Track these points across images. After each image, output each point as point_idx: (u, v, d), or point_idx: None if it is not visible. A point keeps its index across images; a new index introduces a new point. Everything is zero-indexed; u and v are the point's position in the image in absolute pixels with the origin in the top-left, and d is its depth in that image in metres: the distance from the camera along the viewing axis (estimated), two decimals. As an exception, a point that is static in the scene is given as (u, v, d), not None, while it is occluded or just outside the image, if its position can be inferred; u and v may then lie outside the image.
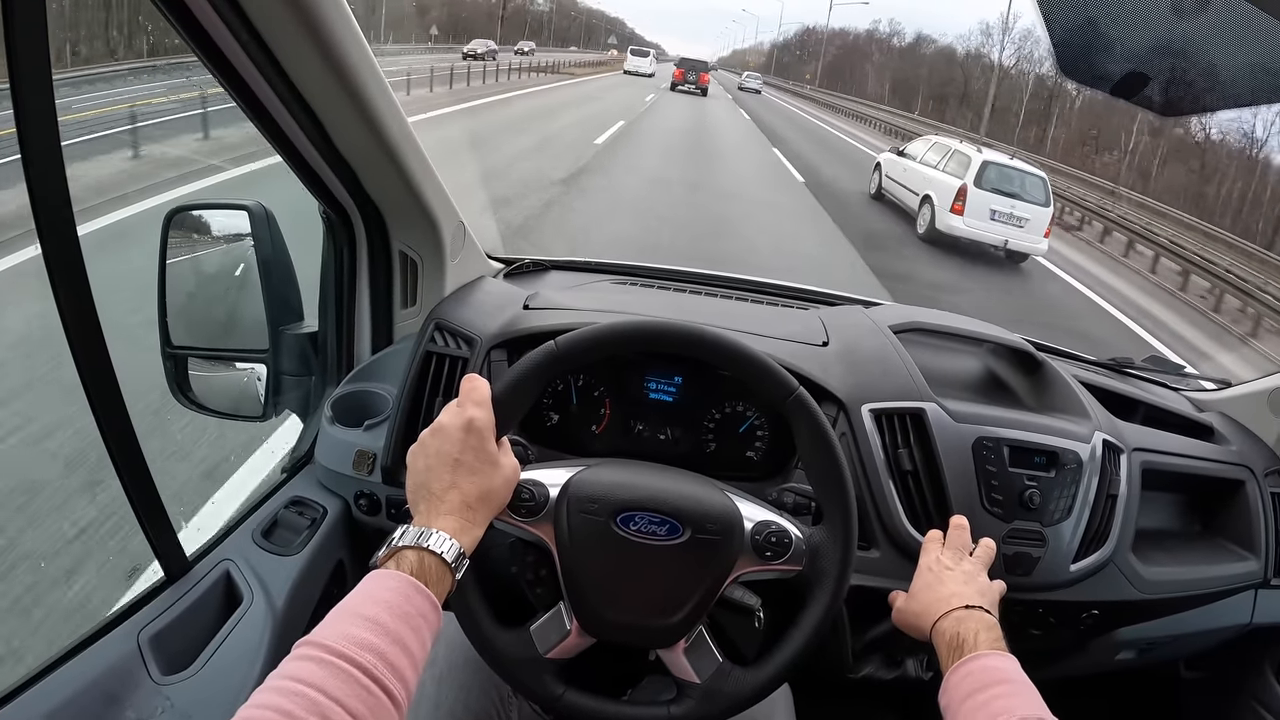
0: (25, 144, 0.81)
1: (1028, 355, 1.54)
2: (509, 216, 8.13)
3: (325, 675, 0.69)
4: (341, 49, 1.03)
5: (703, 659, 1.02)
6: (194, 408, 1.40)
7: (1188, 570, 1.44)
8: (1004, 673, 0.92)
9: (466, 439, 0.91)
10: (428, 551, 0.84)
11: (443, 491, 0.89)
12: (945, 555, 1.12)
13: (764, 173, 16.30)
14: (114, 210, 5.35)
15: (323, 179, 1.30)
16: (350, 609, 0.77)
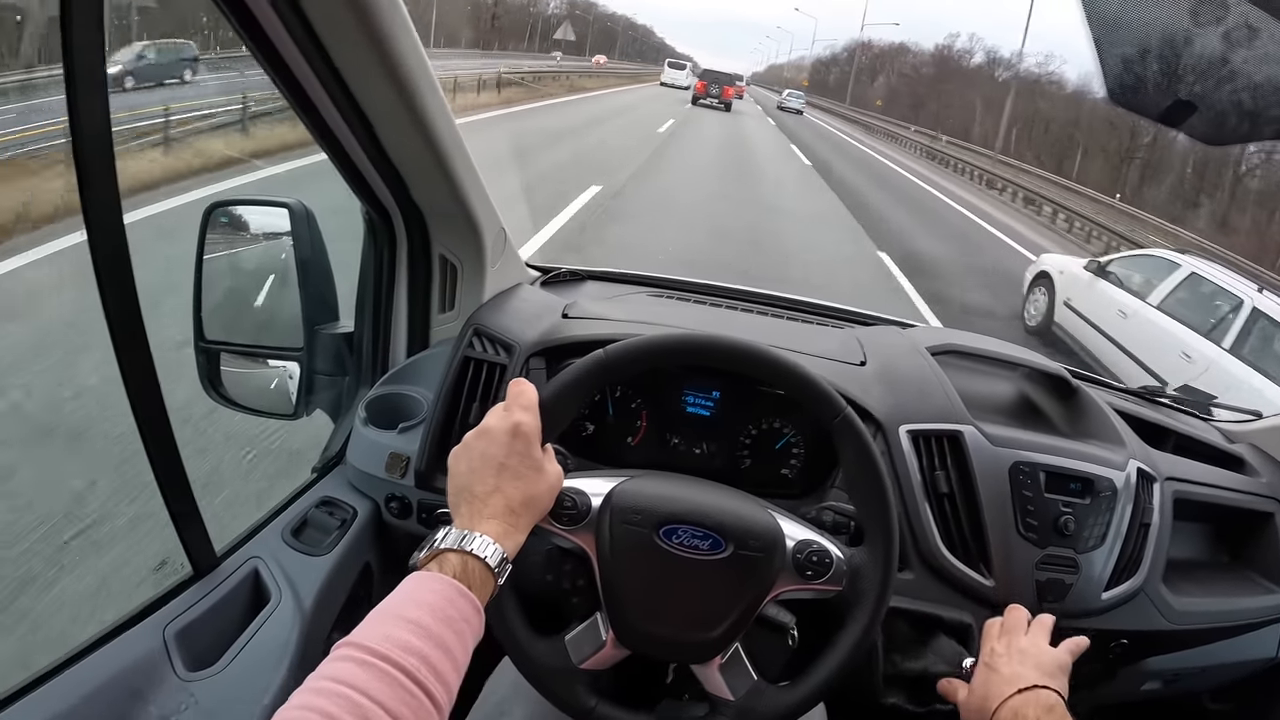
0: (76, 134, 0.81)
1: (1063, 381, 1.52)
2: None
3: (368, 677, 0.68)
4: (399, 53, 1.03)
5: (738, 676, 1.01)
6: (224, 402, 1.40)
7: (1216, 602, 1.43)
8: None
9: (513, 443, 0.90)
10: (471, 555, 0.83)
11: (486, 495, 0.88)
12: (999, 642, 1.09)
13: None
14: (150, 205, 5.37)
15: (368, 180, 1.30)
16: (392, 611, 0.76)
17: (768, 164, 19.94)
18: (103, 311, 0.90)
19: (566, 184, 10.59)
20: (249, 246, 1.42)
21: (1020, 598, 1.24)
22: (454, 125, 1.21)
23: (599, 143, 16.87)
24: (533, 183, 10.05)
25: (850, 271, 9.70)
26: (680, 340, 1.03)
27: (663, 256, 8.03)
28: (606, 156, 14.67)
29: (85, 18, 0.77)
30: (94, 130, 0.82)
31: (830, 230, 12.16)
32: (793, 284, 8.22)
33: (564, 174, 11.49)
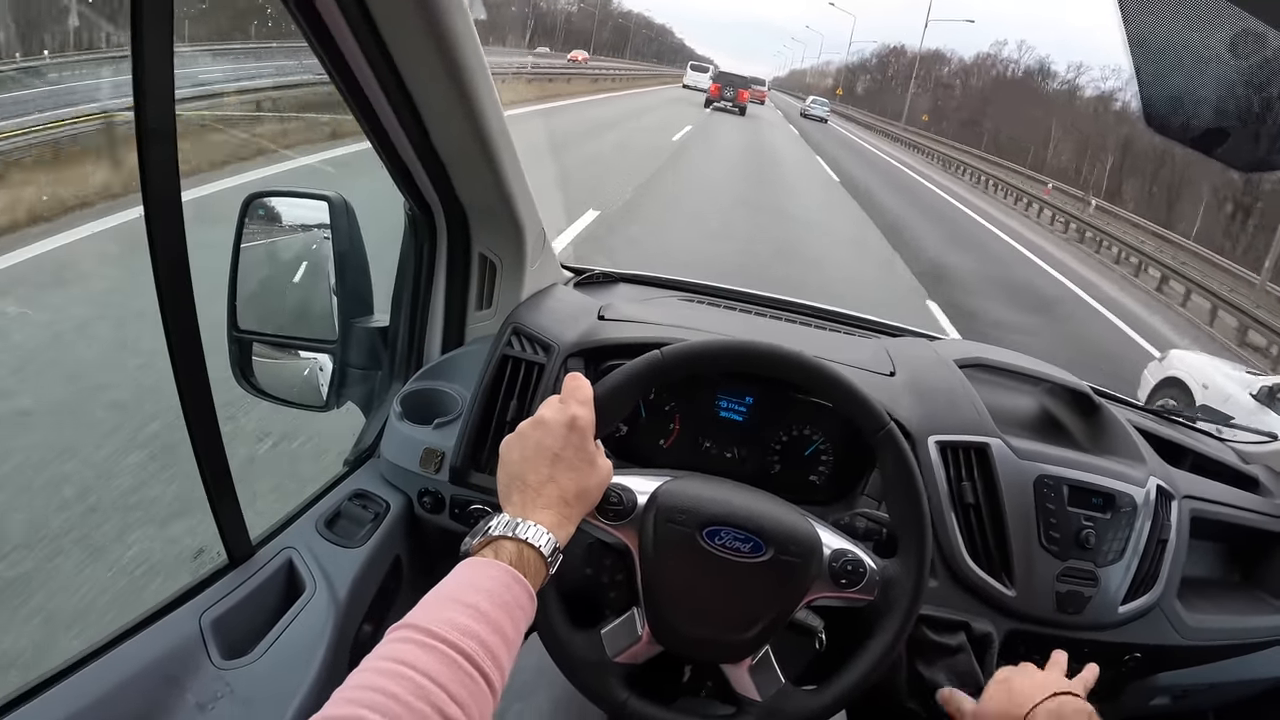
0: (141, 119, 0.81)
1: (1085, 397, 1.54)
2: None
3: (430, 659, 0.68)
4: (459, 47, 1.04)
5: (766, 678, 1.03)
6: (254, 392, 1.40)
7: (1228, 620, 1.44)
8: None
9: (569, 435, 0.91)
10: (527, 544, 0.83)
11: (540, 485, 0.89)
12: (1011, 669, 1.10)
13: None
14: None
15: (413, 175, 1.30)
16: (450, 595, 0.76)
17: (792, 180, 17.76)
18: (156, 297, 0.90)
19: (568, 201, 9.26)
20: (286, 238, 1.42)
21: (1040, 608, 1.27)
22: (505, 123, 1.22)
23: (607, 152, 15.40)
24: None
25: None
26: (735, 346, 1.05)
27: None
28: (612, 169, 13.18)
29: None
30: (159, 109, 0.83)
31: (865, 263, 10.97)
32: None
33: (564, 191, 9.80)
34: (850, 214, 14.99)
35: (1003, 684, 1.05)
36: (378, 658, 0.68)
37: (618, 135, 18.40)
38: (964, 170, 31.96)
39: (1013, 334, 8.87)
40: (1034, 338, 9.04)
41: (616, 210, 9.92)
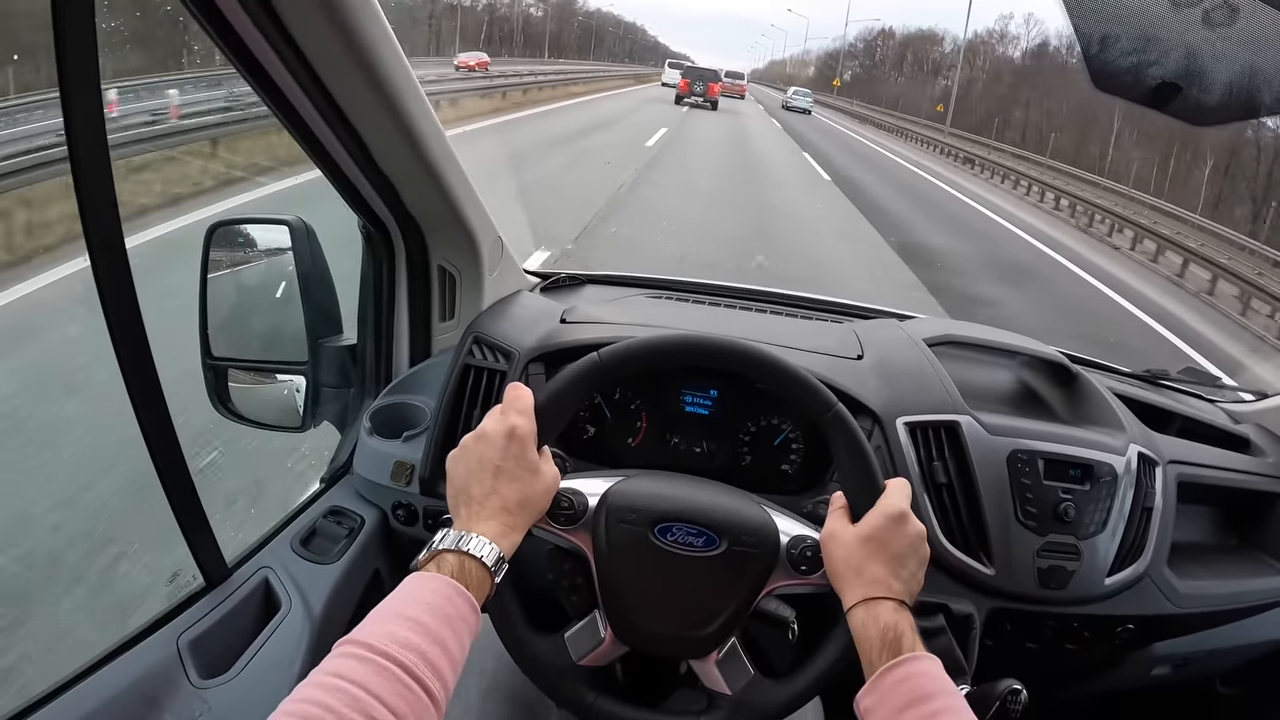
0: (75, 155, 0.84)
1: (1062, 368, 1.53)
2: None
3: (367, 672, 0.70)
4: (385, 67, 1.05)
5: (734, 671, 1.02)
6: (233, 418, 1.42)
7: (1225, 584, 1.43)
8: (940, 682, 0.85)
9: (509, 446, 0.92)
10: (468, 555, 0.85)
11: (483, 497, 0.91)
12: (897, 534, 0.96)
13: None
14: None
15: (363, 194, 1.32)
16: (392, 609, 0.79)
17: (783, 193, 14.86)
18: (107, 329, 0.92)
19: (528, 228, 7.91)
20: (251, 263, 1.44)
21: (1022, 585, 1.26)
22: (443, 136, 1.23)
23: (574, 163, 13.79)
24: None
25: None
26: (672, 341, 1.04)
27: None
28: (584, 183, 11.92)
29: (78, 35, 0.80)
30: (90, 140, 0.84)
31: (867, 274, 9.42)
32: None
33: (526, 215, 8.31)
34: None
35: (860, 553, 0.94)
36: (319, 673, 0.71)
37: (579, 150, 15.76)
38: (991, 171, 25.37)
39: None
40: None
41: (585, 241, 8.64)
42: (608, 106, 28.48)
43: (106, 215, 0.88)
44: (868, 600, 0.91)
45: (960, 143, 32.72)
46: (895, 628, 0.88)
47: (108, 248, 0.89)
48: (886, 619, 0.89)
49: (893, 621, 0.89)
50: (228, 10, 0.93)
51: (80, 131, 0.83)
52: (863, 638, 0.90)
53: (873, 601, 0.91)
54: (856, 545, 0.95)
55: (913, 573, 0.94)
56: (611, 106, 28.91)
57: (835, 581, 0.96)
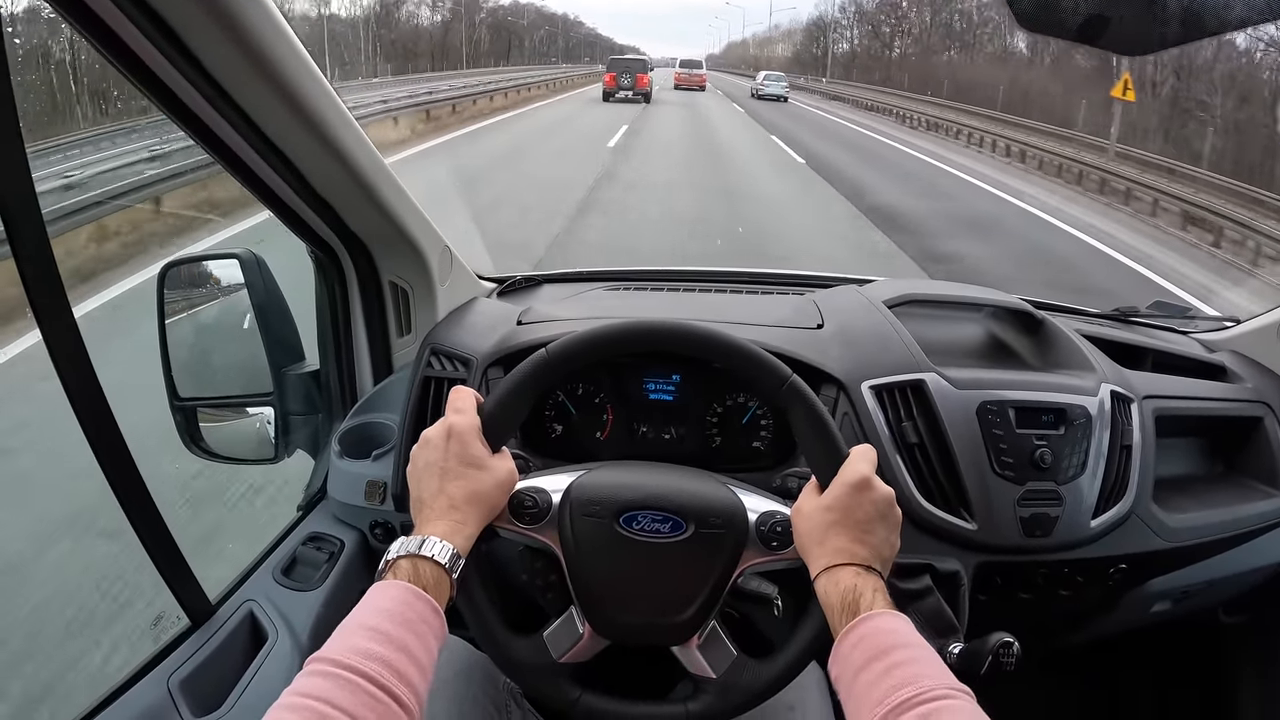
0: (7, 218, 0.84)
1: (1027, 315, 1.53)
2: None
3: (331, 687, 0.71)
4: (301, 90, 1.05)
5: (718, 654, 1.02)
6: (207, 456, 1.42)
7: (1214, 513, 1.43)
8: (900, 635, 0.84)
9: (448, 445, 0.94)
10: (421, 558, 0.86)
11: (432, 498, 0.92)
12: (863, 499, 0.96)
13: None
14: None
15: (305, 220, 1.32)
16: (354, 623, 0.80)
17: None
18: (60, 380, 0.93)
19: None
20: (207, 301, 1.44)
21: (1006, 537, 1.26)
22: (374, 153, 1.23)
23: (532, 175, 12.50)
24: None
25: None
26: (618, 330, 1.05)
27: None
28: (540, 197, 10.66)
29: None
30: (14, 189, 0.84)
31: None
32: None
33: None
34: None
35: (827, 520, 0.95)
36: (286, 694, 0.72)
37: (561, 139, 16.62)
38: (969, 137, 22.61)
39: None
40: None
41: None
42: (546, 116, 24.50)
43: (44, 265, 0.88)
44: (830, 568, 0.92)
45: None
46: (855, 589, 0.88)
47: (50, 299, 0.89)
48: (846, 583, 0.89)
49: (852, 584, 0.89)
50: (138, 49, 0.92)
51: (7, 193, 0.83)
52: (826, 605, 0.91)
53: (835, 569, 0.91)
54: (819, 516, 0.95)
55: (883, 538, 0.94)
56: (550, 116, 24.66)
57: (803, 554, 0.97)
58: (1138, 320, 1.81)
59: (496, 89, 27.82)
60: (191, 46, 0.94)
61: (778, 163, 16.69)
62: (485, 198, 10.20)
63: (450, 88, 24.90)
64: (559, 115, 24.61)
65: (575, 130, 20.79)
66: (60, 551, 2.92)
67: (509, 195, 10.82)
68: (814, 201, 12.48)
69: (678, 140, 19.67)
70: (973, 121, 24.08)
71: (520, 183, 12.04)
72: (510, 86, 30.13)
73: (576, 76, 46.98)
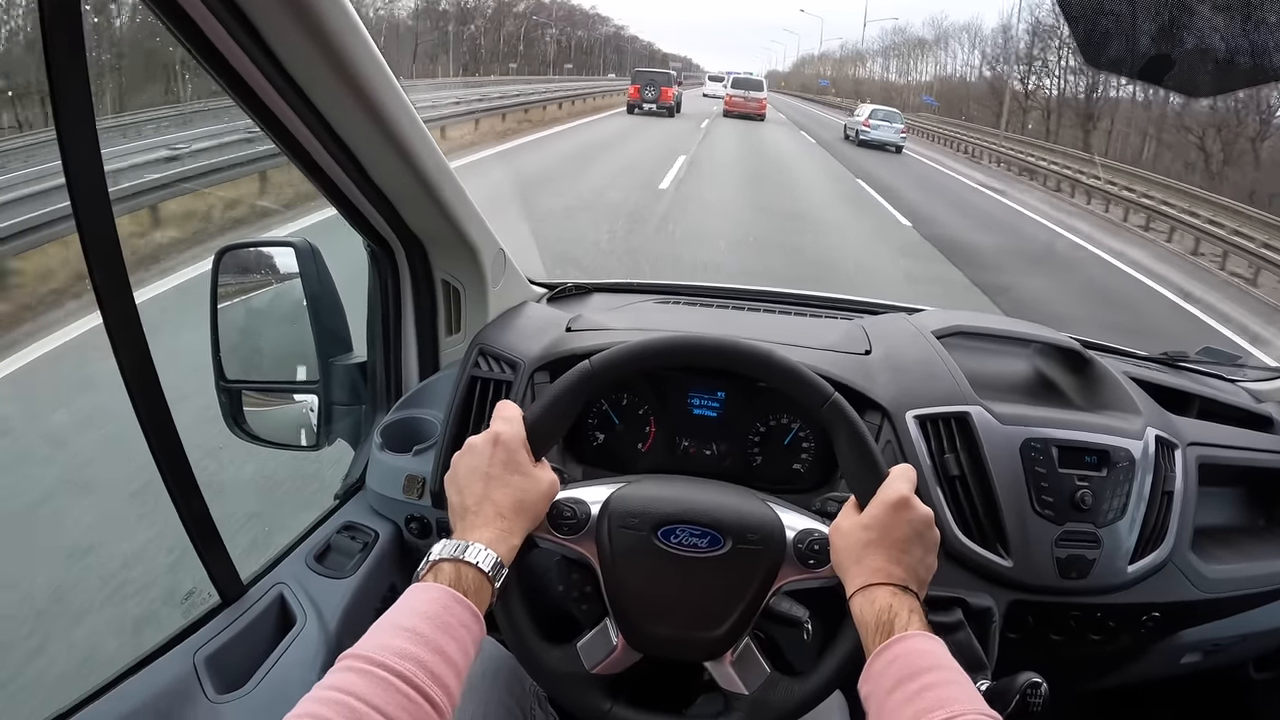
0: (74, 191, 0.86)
1: (1075, 354, 1.51)
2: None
3: (365, 684, 0.72)
4: (372, 90, 1.07)
5: (750, 670, 1.02)
6: (248, 439, 1.44)
7: (1253, 566, 1.40)
8: (934, 657, 0.84)
9: (494, 452, 0.95)
10: (464, 563, 0.87)
11: (476, 505, 0.93)
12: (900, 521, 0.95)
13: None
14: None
15: (364, 214, 1.34)
16: (390, 622, 0.80)
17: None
18: (114, 355, 0.95)
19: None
20: (261, 286, 1.47)
21: (1041, 576, 1.24)
22: (438, 154, 1.25)
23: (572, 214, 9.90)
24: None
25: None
26: (662, 343, 1.05)
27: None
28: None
29: (70, 76, 0.82)
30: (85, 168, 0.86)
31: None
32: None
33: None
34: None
35: (863, 541, 0.94)
36: (320, 688, 0.73)
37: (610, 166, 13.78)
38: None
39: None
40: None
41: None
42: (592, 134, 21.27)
43: (109, 245, 0.90)
44: (866, 587, 0.91)
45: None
46: (890, 610, 0.88)
47: (112, 277, 0.92)
48: (882, 602, 0.89)
49: (887, 604, 0.89)
50: (218, 40, 0.95)
51: (77, 169, 0.85)
52: (861, 624, 0.90)
53: (871, 588, 0.91)
54: (857, 534, 0.95)
55: (919, 558, 0.94)
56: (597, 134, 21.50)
57: (839, 572, 0.96)
58: (1186, 365, 1.78)
59: (540, 100, 25.96)
60: (267, 38, 0.97)
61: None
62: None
63: (502, 95, 23.82)
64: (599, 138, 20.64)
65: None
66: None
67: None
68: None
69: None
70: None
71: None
72: (558, 98, 29.01)
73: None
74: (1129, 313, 9.07)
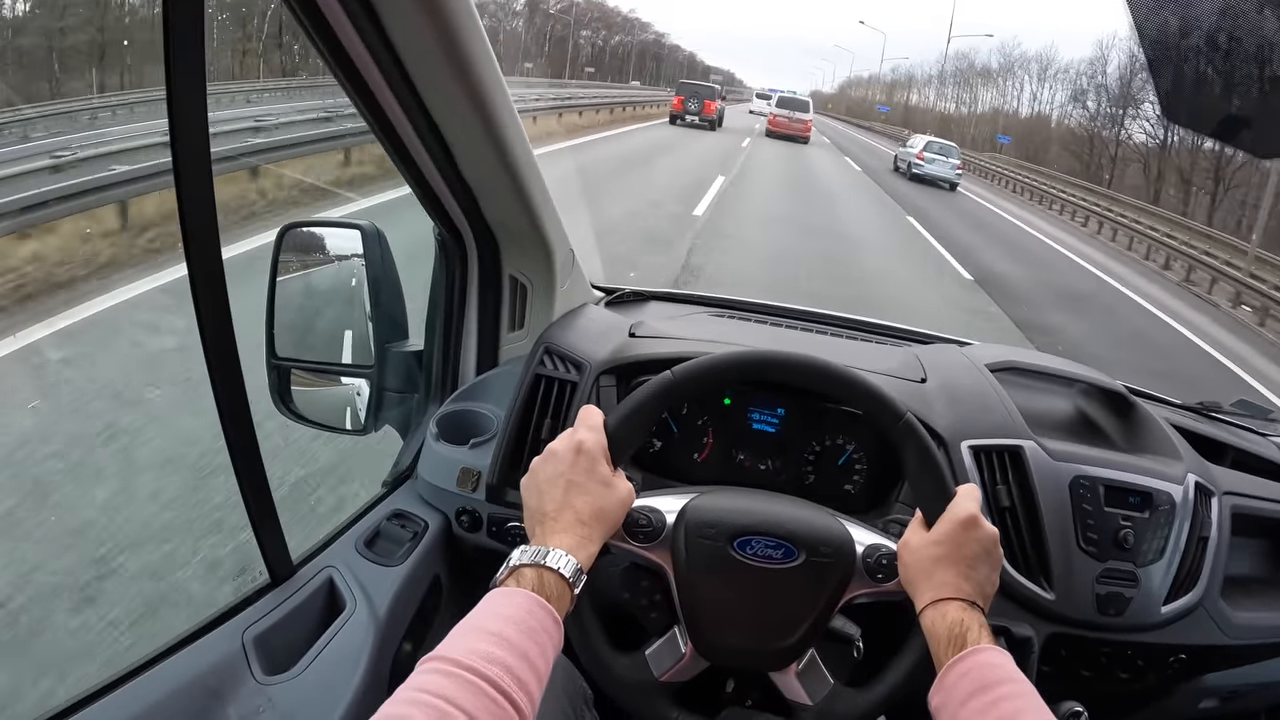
0: (178, 159, 0.86)
1: (1120, 397, 1.53)
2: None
3: (453, 687, 0.72)
4: (478, 75, 1.06)
5: (815, 681, 1.04)
6: (294, 418, 1.43)
7: (1276, 617, 1.41)
8: (1005, 670, 0.86)
9: (577, 460, 0.95)
10: (546, 569, 0.87)
11: (557, 511, 0.93)
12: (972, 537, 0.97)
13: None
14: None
15: (442, 202, 1.33)
16: (475, 625, 0.80)
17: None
18: (198, 327, 0.94)
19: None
20: (322, 266, 1.46)
21: (1081, 611, 1.26)
22: (529, 147, 1.25)
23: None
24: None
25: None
26: (747, 357, 1.06)
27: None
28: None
29: (187, 39, 0.81)
30: (192, 139, 0.86)
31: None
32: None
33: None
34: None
35: (934, 556, 0.96)
36: (406, 688, 0.72)
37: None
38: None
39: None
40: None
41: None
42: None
43: (205, 218, 0.90)
44: (937, 601, 0.93)
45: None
46: (961, 624, 0.90)
47: (204, 251, 0.91)
48: (953, 616, 0.91)
49: (959, 618, 0.90)
50: (329, 12, 0.94)
51: (183, 131, 0.85)
52: (932, 636, 0.92)
53: (942, 602, 0.93)
54: (928, 550, 0.97)
55: (986, 576, 0.96)
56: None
57: (908, 587, 0.98)
58: (1219, 416, 1.79)
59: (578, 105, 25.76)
60: (380, 12, 0.96)
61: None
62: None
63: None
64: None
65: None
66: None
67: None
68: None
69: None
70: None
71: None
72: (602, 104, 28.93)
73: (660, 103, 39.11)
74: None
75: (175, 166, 0.86)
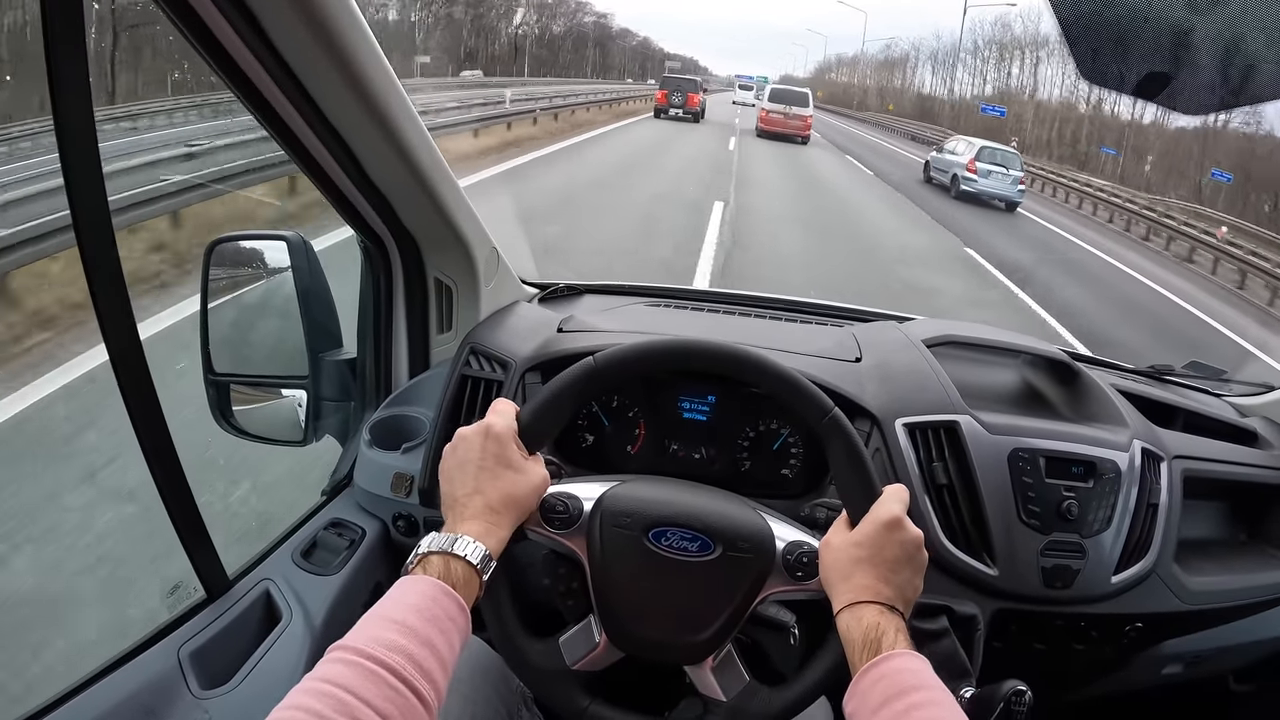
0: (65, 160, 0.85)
1: (1064, 365, 1.52)
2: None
3: (353, 676, 0.72)
4: (369, 81, 1.06)
5: (730, 678, 1.02)
6: (235, 433, 1.43)
7: (1234, 579, 1.42)
8: (920, 677, 0.84)
9: (485, 444, 0.95)
10: (453, 556, 0.87)
11: (466, 497, 0.93)
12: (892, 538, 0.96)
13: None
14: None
15: (358, 209, 1.33)
16: (379, 614, 0.80)
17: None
18: (105, 345, 0.94)
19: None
20: (252, 280, 1.46)
21: (1026, 585, 1.25)
22: (435, 150, 1.25)
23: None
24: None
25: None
26: (667, 346, 1.05)
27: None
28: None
29: (69, 67, 0.81)
30: (85, 169, 0.86)
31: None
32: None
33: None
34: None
35: (854, 559, 0.95)
36: (310, 678, 0.73)
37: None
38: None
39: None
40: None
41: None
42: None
43: (100, 232, 0.90)
44: (853, 604, 0.91)
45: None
46: (878, 628, 0.88)
47: (103, 266, 0.91)
48: (869, 620, 0.89)
49: (875, 623, 0.89)
50: (215, 28, 0.94)
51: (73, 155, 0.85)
52: (847, 641, 0.90)
53: (859, 605, 0.91)
54: (848, 551, 0.95)
55: (907, 579, 0.94)
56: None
57: (827, 588, 0.96)
58: (1172, 379, 1.80)
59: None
60: (266, 27, 0.96)
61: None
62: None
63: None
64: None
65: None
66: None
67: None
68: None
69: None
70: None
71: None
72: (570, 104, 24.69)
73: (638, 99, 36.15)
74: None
75: (63, 164, 0.85)
